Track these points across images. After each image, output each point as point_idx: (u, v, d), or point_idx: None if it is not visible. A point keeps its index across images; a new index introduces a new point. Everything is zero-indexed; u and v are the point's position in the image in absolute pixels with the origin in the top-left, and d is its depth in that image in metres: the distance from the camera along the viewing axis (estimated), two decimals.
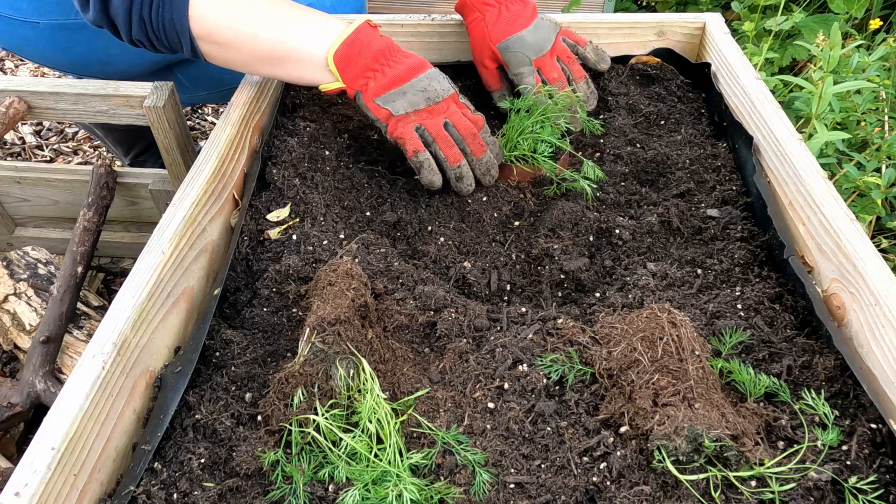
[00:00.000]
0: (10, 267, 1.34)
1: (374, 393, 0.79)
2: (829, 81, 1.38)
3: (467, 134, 1.11)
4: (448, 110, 1.11)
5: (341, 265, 0.91)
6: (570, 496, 0.74)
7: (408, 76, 1.09)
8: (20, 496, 0.67)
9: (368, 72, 1.09)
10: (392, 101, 1.09)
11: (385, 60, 1.10)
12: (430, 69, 1.12)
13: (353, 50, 1.08)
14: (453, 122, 1.11)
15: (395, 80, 1.09)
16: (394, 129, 1.10)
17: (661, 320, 0.81)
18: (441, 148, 1.10)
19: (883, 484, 0.73)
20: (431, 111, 1.10)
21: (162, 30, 1.07)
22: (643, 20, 1.39)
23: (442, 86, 1.11)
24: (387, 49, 1.10)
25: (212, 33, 1.08)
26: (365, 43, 1.09)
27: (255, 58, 1.12)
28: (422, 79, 1.10)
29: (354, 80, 1.10)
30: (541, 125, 1.17)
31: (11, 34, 1.46)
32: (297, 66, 1.12)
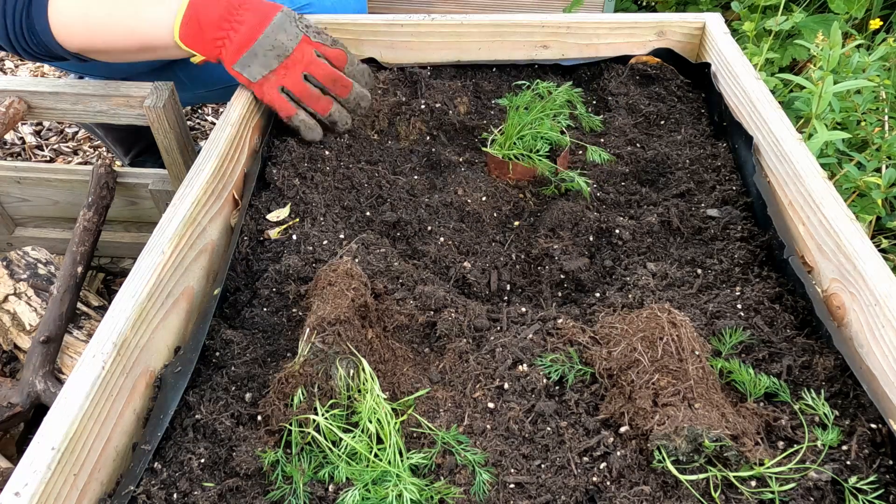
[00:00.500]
0: (10, 267, 1.34)
1: (374, 393, 0.79)
2: (829, 80, 1.37)
3: (328, 80, 1.12)
4: (304, 59, 1.10)
5: (341, 265, 0.91)
6: (570, 496, 0.74)
7: (253, 35, 1.07)
8: (20, 496, 0.67)
9: (217, 41, 1.08)
10: (248, 66, 1.09)
11: (228, 24, 1.07)
12: (274, 17, 1.08)
13: (194, 27, 1.07)
14: (311, 71, 1.11)
15: (243, 42, 1.07)
16: (261, 95, 1.12)
17: (661, 320, 0.81)
18: (308, 104, 1.12)
19: (883, 484, 0.73)
20: (287, 66, 1.09)
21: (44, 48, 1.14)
22: (643, 20, 1.39)
23: (289, 35, 1.08)
24: (226, 10, 1.07)
25: (73, 38, 1.12)
26: (202, 13, 1.07)
27: (123, 51, 1.14)
28: (267, 34, 1.07)
29: (210, 52, 1.10)
30: (539, 121, 1.17)
31: None
32: (161, 52, 1.14)
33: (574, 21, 1.39)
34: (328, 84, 1.12)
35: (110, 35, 1.11)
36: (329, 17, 1.39)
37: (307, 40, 1.10)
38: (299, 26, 1.10)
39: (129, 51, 1.14)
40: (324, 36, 1.12)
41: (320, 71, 1.11)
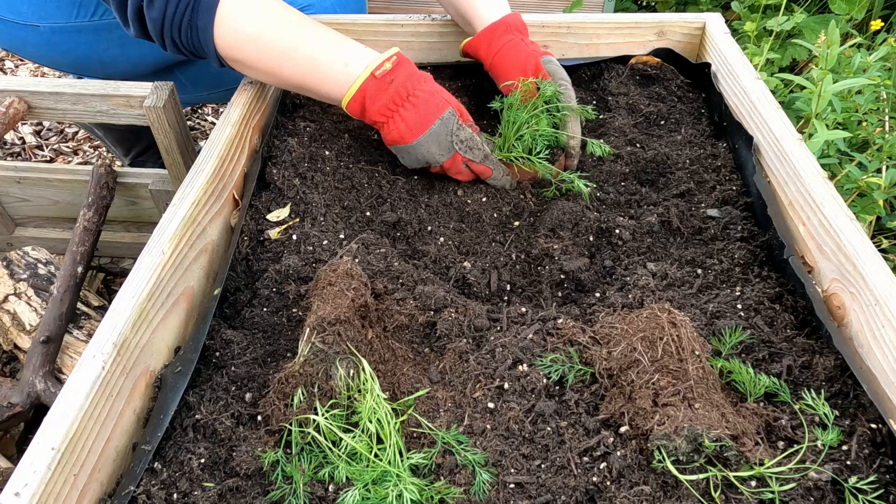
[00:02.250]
0: (10, 267, 1.34)
1: (374, 393, 0.79)
2: (828, 80, 1.37)
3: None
4: (451, 168, 1.15)
5: (341, 265, 0.91)
6: (570, 496, 0.73)
7: (407, 137, 1.11)
8: (20, 496, 0.67)
9: (378, 121, 1.13)
10: (401, 156, 1.17)
11: (390, 111, 1.11)
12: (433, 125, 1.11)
13: (359, 107, 1.12)
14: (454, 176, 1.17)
15: (399, 137, 1.12)
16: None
17: (661, 320, 0.81)
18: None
19: (883, 484, 0.73)
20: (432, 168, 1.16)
21: (194, 49, 1.13)
22: (643, 20, 1.39)
23: (441, 148, 1.12)
24: (391, 100, 1.10)
25: (237, 62, 1.13)
26: (369, 100, 1.11)
27: (285, 84, 1.17)
28: (421, 142, 1.11)
29: (372, 121, 1.14)
30: (536, 118, 1.17)
31: (12, 37, 1.46)
32: (324, 98, 1.17)
33: (574, 21, 1.39)
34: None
35: (278, 65, 1.12)
36: (329, 17, 1.39)
37: (457, 156, 1.13)
38: (453, 140, 1.12)
39: (288, 84, 1.17)
40: (475, 152, 1.14)
41: (462, 178, 1.18)
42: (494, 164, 1.16)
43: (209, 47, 1.11)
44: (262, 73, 1.15)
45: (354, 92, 1.10)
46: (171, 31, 1.10)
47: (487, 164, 1.15)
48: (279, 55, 1.11)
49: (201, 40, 1.10)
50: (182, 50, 1.14)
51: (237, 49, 1.11)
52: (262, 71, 1.14)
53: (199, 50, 1.13)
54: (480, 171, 1.16)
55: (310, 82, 1.13)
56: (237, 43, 1.10)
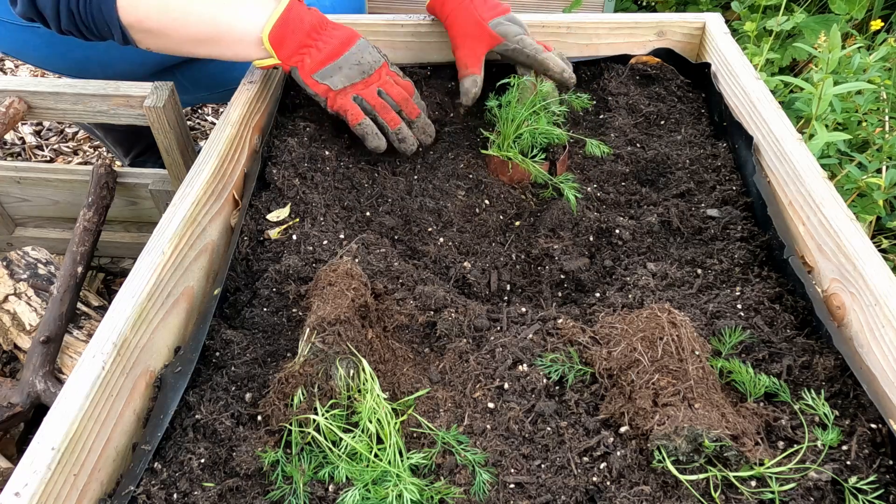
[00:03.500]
0: (10, 267, 1.34)
1: (374, 393, 0.79)
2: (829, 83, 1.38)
3: (401, 99, 1.19)
4: (381, 79, 1.18)
5: (341, 265, 0.91)
6: (570, 496, 0.74)
7: (341, 50, 1.14)
8: (20, 496, 0.67)
9: (303, 48, 1.14)
10: (330, 77, 1.15)
11: (317, 35, 1.14)
12: (359, 40, 1.17)
13: (287, 28, 1.12)
14: (386, 90, 1.18)
15: (330, 55, 1.14)
16: (333, 102, 1.17)
17: (661, 320, 0.81)
18: (380, 114, 1.17)
19: (883, 484, 0.73)
20: (366, 82, 1.17)
21: (91, 20, 1.09)
22: (643, 20, 1.39)
23: (373, 57, 1.17)
24: (318, 24, 1.15)
25: (141, 21, 1.10)
26: (297, 20, 1.13)
27: (188, 40, 1.14)
28: (354, 52, 1.15)
29: (289, 57, 1.14)
30: (535, 115, 1.17)
31: (11, 39, 1.46)
32: (230, 45, 1.15)
33: (574, 21, 1.39)
34: (401, 103, 1.19)
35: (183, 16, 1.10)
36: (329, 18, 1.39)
37: (386, 66, 1.19)
38: (380, 52, 1.19)
39: (194, 39, 1.14)
40: (395, 68, 1.22)
41: (395, 90, 1.19)
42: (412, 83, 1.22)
43: (111, 12, 1.08)
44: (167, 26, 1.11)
45: (282, 11, 1.11)
46: (67, 1, 1.07)
47: (408, 80, 1.21)
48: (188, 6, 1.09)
49: (102, 7, 1.07)
50: (79, 22, 1.10)
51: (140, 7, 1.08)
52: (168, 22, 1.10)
53: (98, 19, 1.09)
54: (405, 84, 1.20)
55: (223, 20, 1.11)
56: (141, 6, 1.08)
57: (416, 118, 1.21)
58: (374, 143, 1.17)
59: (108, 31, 1.11)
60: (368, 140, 1.17)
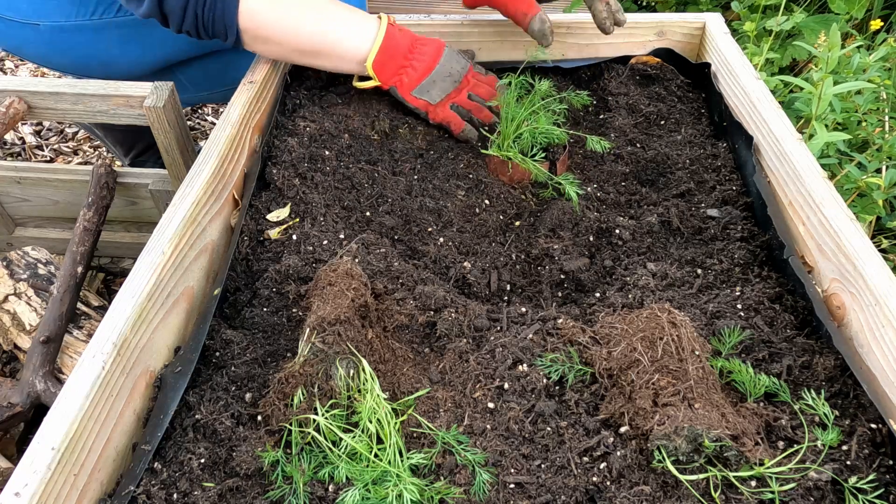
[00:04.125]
0: (10, 267, 1.34)
1: (374, 393, 0.79)
2: (829, 83, 1.37)
3: (488, 97, 1.30)
4: (469, 83, 1.28)
5: (341, 265, 0.91)
6: (570, 496, 0.73)
7: (432, 65, 1.24)
8: (20, 496, 0.67)
9: (400, 69, 1.24)
10: (427, 92, 1.25)
11: (411, 55, 1.24)
12: (446, 50, 1.26)
13: (387, 55, 1.22)
14: (477, 92, 1.29)
15: (424, 71, 1.24)
16: (435, 114, 1.27)
17: (661, 320, 0.81)
18: (475, 115, 1.29)
19: (883, 484, 0.73)
20: (458, 90, 1.27)
21: (211, 23, 1.17)
22: (643, 20, 1.39)
23: (461, 64, 1.26)
24: (410, 45, 1.24)
25: (258, 27, 1.18)
26: (395, 45, 1.22)
27: (296, 50, 1.23)
28: (444, 63, 1.24)
29: (389, 79, 1.25)
30: (534, 114, 1.17)
31: (12, 36, 1.46)
32: (333, 61, 1.25)
33: (574, 21, 1.39)
34: (488, 100, 1.29)
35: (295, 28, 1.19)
36: None
37: (471, 69, 1.28)
38: (464, 57, 1.28)
39: (302, 50, 1.22)
40: (478, 66, 1.32)
41: (482, 90, 1.29)
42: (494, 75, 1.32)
43: (232, 18, 1.16)
44: (280, 35, 1.19)
45: (382, 41, 1.21)
46: (195, 5, 1.14)
47: (491, 74, 1.32)
48: (303, 12, 1.19)
49: (226, 12, 1.15)
50: (199, 24, 1.17)
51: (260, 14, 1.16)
52: (281, 32, 1.19)
53: (218, 23, 1.17)
54: (488, 80, 1.30)
55: (333, 40, 1.21)
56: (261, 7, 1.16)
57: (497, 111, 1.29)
58: (474, 140, 1.28)
59: (223, 33, 1.19)
60: (470, 140, 1.28)
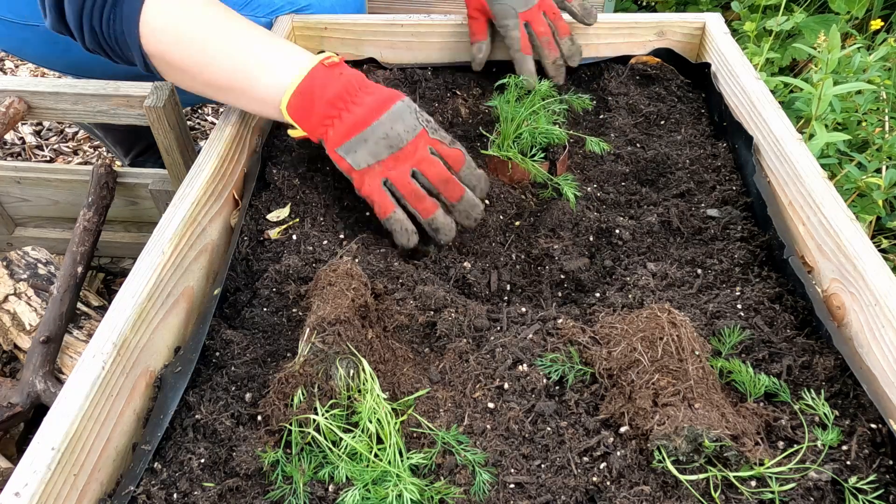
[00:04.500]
0: (10, 267, 1.34)
1: (374, 393, 0.79)
2: (829, 83, 1.38)
3: (439, 181, 0.99)
4: (416, 154, 0.98)
5: (341, 265, 0.91)
6: (570, 496, 0.74)
7: (368, 119, 0.97)
8: (20, 496, 0.67)
9: (326, 119, 0.99)
10: (353, 152, 0.98)
11: (343, 104, 0.98)
12: (394, 105, 0.98)
13: (306, 99, 0.98)
14: (422, 169, 0.99)
15: (355, 125, 0.97)
16: (360, 184, 1.01)
17: (661, 320, 0.81)
18: (410, 203, 0.99)
19: (883, 484, 0.73)
20: (397, 158, 0.98)
21: (115, 41, 1.01)
22: (643, 20, 1.39)
23: (407, 125, 0.98)
24: (344, 90, 0.98)
25: (163, 53, 1.00)
26: (318, 88, 0.98)
27: (210, 85, 1.03)
28: (383, 121, 0.97)
29: (314, 129, 1.01)
30: (534, 114, 1.17)
31: (11, 37, 1.46)
32: (253, 103, 1.05)
33: (574, 21, 1.39)
34: (438, 185, 1.00)
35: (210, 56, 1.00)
36: (329, 18, 1.39)
37: (424, 135, 0.99)
38: (419, 119, 1.00)
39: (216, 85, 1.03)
40: (441, 134, 1.01)
41: (432, 170, 0.99)
42: (466, 154, 1.03)
43: (133, 37, 0.98)
44: (187, 63, 1.00)
45: (301, 80, 0.97)
46: (90, 18, 0.98)
47: (457, 148, 1.01)
48: (214, 40, 0.99)
49: (125, 29, 0.98)
50: (102, 42, 1.02)
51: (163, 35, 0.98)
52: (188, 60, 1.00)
53: (122, 42, 1.00)
54: (452, 155, 1.00)
55: (244, 75, 1.00)
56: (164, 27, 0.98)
57: (456, 201, 1.01)
58: (400, 241, 1.00)
59: (132, 56, 1.03)
60: (397, 237, 1.00)
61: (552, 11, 1.29)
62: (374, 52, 1.40)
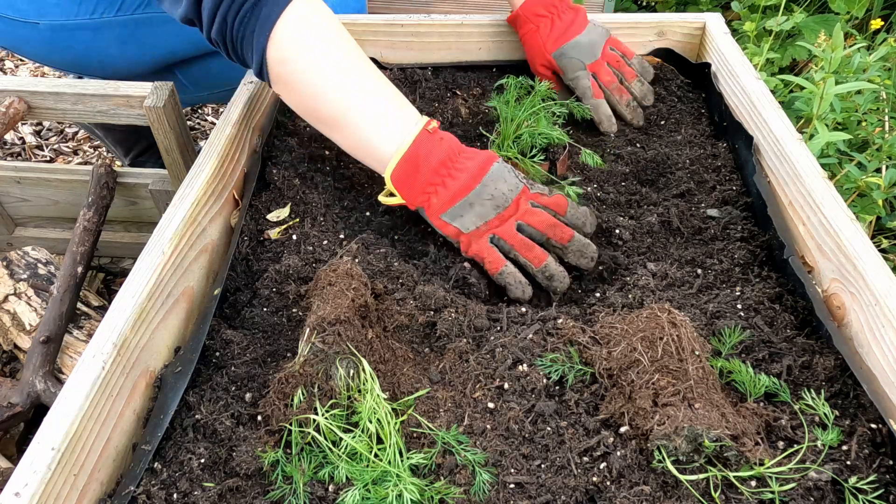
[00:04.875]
0: (10, 267, 1.34)
1: (374, 393, 0.79)
2: (831, 82, 1.37)
3: (546, 227, 1.00)
4: (519, 209, 1.00)
5: (341, 265, 0.91)
6: (570, 496, 0.74)
7: (471, 184, 0.99)
8: (20, 496, 0.67)
9: (429, 187, 1.00)
10: (460, 217, 1.00)
11: (446, 171, 0.99)
12: (493, 167, 1.00)
13: (412, 167, 0.99)
14: (527, 220, 1.00)
15: (459, 192, 0.99)
16: (467, 246, 1.02)
17: (661, 320, 0.81)
18: (521, 253, 0.99)
19: (883, 484, 0.73)
20: (502, 217, 1.00)
21: (240, 38, 1.00)
22: (643, 20, 1.39)
23: (509, 185, 1.00)
24: (447, 158, 1.00)
25: (284, 69, 1.00)
26: (423, 157, 0.99)
27: (313, 114, 1.05)
28: (486, 184, 0.99)
29: (415, 197, 1.01)
30: (535, 116, 1.17)
31: (11, 35, 1.46)
32: (357, 150, 1.05)
33: None
34: (546, 231, 1.00)
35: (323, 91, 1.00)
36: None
37: (526, 191, 1.01)
38: (518, 177, 1.02)
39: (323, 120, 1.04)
40: (539, 187, 1.03)
41: (537, 219, 1.00)
42: (569, 198, 1.04)
43: (262, 40, 0.98)
44: (301, 86, 1.01)
45: (407, 149, 0.98)
46: (226, 11, 0.97)
47: (557, 193, 1.03)
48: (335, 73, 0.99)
49: (257, 28, 0.97)
50: (227, 35, 1.00)
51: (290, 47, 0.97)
52: (303, 83, 1.00)
53: (247, 41, 0.99)
54: (554, 202, 1.01)
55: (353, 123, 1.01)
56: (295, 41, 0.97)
57: (568, 241, 1.00)
58: (516, 294, 0.99)
59: (250, 58, 1.01)
60: (511, 291, 0.99)
61: (615, 60, 1.31)
62: (374, 52, 1.40)
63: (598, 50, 1.28)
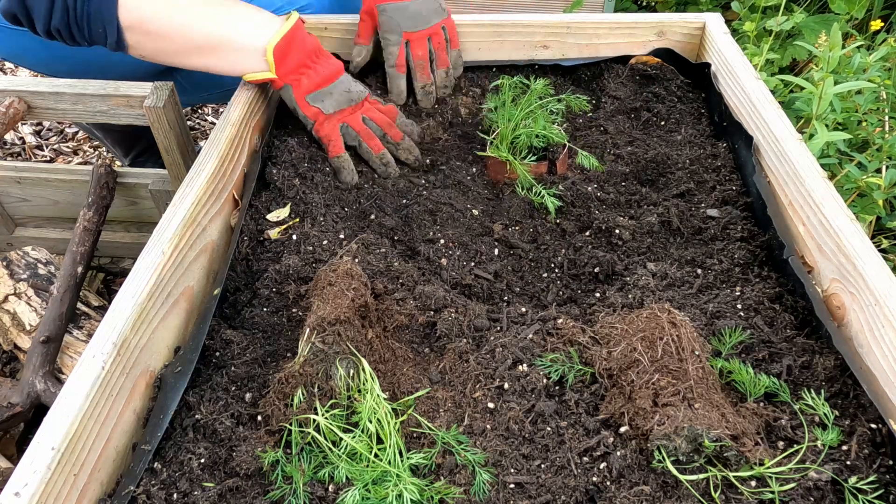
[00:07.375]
0: (10, 267, 1.34)
1: (374, 393, 0.79)
2: (830, 82, 1.37)
3: (384, 124, 1.22)
4: (363, 107, 1.22)
5: (341, 265, 0.91)
6: (570, 496, 0.74)
7: (332, 77, 1.18)
8: (20, 496, 0.67)
9: (302, 68, 1.16)
10: (321, 101, 1.17)
11: (316, 59, 1.17)
12: (344, 73, 1.21)
13: (292, 45, 1.14)
14: (370, 116, 1.22)
15: (325, 80, 1.17)
16: (321, 127, 1.18)
17: (661, 320, 0.81)
18: (364, 140, 1.20)
19: (883, 484, 0.73)
20: (353, 110, 1.20)
21: (86, 19, 1.06)
22: (643, 20, 1.39)
23: (358, 87, 1.21)
24: (316, 49, 1.18)
25: (143, 22, 1.08)
26: (300, 39, 1.15)
27: (186, 47, 1.13)
28: (343, 81, 1.19)
29: (287, 74, 1.16)
30: (531, 115, 1.17)
31: (10, 44, 1.46)
32: (230, 54, 1.15)
33: (574, 21, 1.39)
34: (384, 127, 1.22)
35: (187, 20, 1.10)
36: (329, 18, 1.39)
37: (368, 97, 1.23)
38: (362, 85, 1.23)
39: (193, 46, 1.13)
40: (376, 97, 1.26)
41: (378, 117, 1.22)
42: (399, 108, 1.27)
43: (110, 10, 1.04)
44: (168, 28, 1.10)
45: (290, 28, 1.13)
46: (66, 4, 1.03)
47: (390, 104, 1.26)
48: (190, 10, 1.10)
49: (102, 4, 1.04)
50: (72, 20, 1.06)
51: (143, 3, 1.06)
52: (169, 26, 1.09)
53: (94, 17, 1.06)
54: (389, 109, 1.24)
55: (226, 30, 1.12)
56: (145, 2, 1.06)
57: (399, 141, 1.23)
58: (346, 178, 1.19)
59: (101, 33, 1.08)
60: (342, 175, 1.19)
61: (438, 42, 1.32)
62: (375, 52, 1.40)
63: (425, 23, 1.29)
